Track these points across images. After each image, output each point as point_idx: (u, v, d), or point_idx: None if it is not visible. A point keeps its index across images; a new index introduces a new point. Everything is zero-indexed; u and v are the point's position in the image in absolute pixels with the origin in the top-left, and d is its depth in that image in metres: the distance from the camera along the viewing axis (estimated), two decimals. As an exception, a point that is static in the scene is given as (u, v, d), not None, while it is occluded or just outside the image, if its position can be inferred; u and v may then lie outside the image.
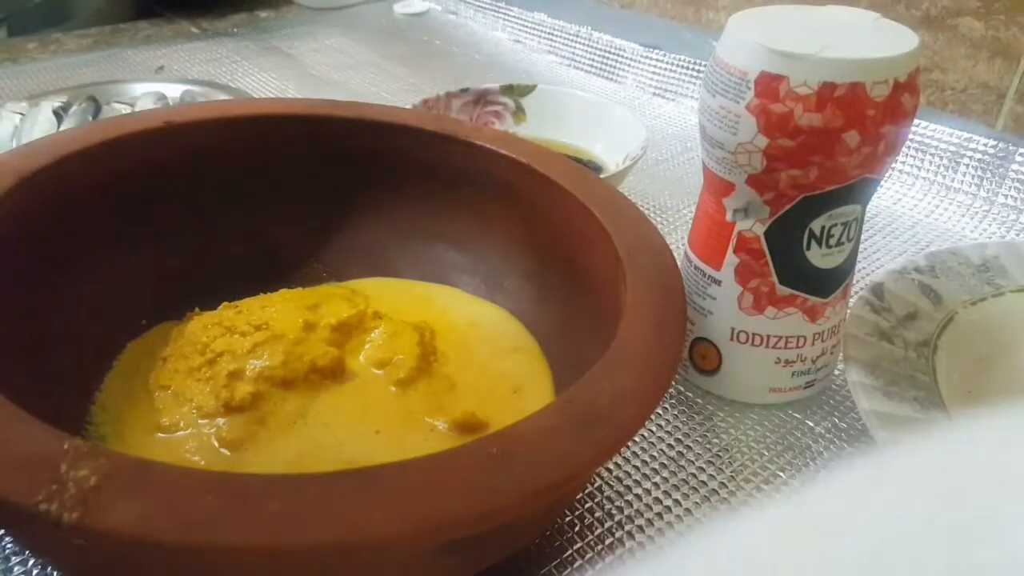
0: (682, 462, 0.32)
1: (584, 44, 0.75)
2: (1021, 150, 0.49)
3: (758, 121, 0.28)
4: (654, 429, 0.34)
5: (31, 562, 0.27)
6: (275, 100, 0.38)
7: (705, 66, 0.31)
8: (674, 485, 0.31)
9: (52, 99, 0.56)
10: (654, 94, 0.69)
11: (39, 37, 0.80)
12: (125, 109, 0.56)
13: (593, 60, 0.74)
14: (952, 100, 0.61)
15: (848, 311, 0.35)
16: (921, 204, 0.52)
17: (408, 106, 0.49)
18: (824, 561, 0.10)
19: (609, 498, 0.30)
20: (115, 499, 0.18)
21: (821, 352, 0.34)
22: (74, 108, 0.56)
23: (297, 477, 0.19)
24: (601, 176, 0.43)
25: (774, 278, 0.32)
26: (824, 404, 0.35)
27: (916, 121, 0.48)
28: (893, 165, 0.50)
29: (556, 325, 0.34)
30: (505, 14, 0.84)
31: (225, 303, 0.33)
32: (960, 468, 0.11)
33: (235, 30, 0.84)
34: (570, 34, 0.76)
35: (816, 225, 0.31)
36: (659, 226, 0.50)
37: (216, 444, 0.29)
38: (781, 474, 0.32)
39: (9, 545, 0.28)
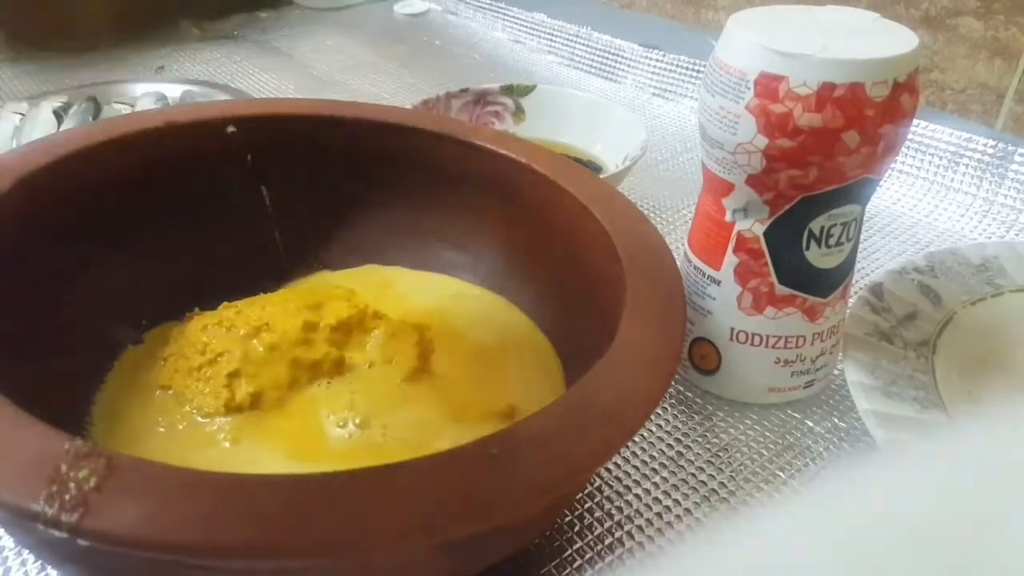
0: (681, 462, 0.32)
1: (584, 44, 0.75)
2: (1020, 150, 0.49)
3: (757, 121, 0.28)
4: (654, 429, 0.34)
5: (31, 562, 0.28)
6: (275, 100, 0.38)
7: (705, 66, 0.31)
8: (674, 485, 0.31)
9: (52, 99, 0.56)
10: (654, 94, 0.69)
11: (39, 37, 0.79)
12: (125, 109, 0.56)
13: (593, 60, 0.74)
14: (952, 100, 0.61)
15: (847, 311, 0.35)
16: (920, 204, 0.52)
17: (408, 106, 0.49)
18: (825, 561, 0.10)
19: (609, 498, 0.30)
20: (115, 499, 0.18)
21: (820, 352, 0.34)
22: (74, 108, 0.56)
23: (297, 477, 0.19)
24: (601, 176, 0.43)
25: (773, 278, 0.32)
26: (824, 404, 0.35)
27: (915, 121, 0.49)
28: (892, 165, 0.50)
29: (555, 325, 0.34)
30: (505, 14, 0.84)
31: (225, 303, 0.33)
32: (960, 468, 0.11)
33: (235, 31, 0.84)
34: (570, 34, 0.76)
35: (815, 225, 0.31)
36: (659, 226, 0.50)
37: (216, 444, 0.29)
38: (780, 474, 0.32)
39: (9, 545, 0.28)
